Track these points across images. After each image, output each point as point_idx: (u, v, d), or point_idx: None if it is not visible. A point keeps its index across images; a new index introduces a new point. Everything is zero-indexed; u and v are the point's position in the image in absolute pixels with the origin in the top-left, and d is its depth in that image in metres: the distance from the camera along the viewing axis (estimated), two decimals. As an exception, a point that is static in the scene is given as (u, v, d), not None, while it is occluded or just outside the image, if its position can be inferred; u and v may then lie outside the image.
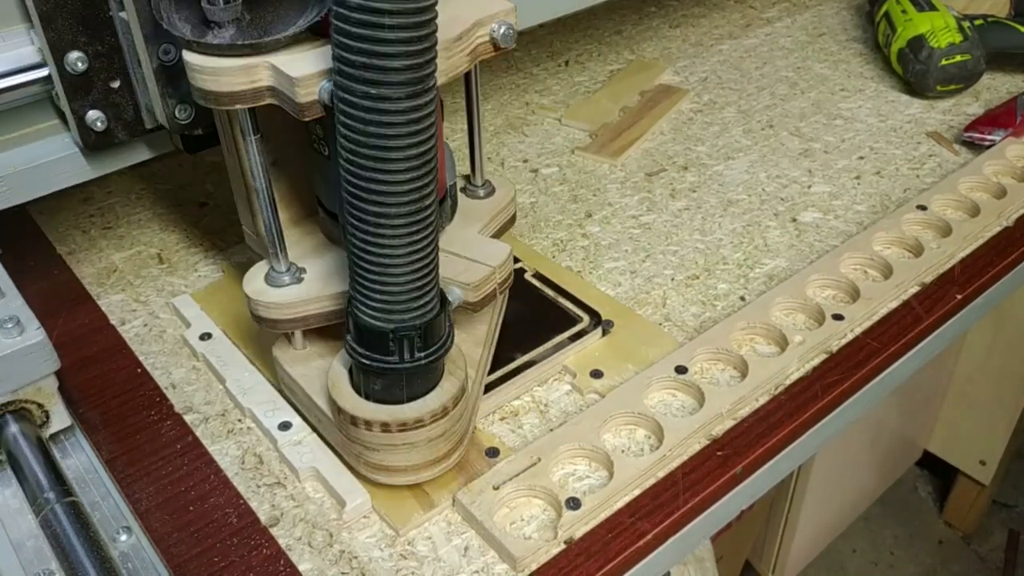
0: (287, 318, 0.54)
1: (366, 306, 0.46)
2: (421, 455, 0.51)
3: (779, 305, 0.65)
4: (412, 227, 0.44)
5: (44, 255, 0.76)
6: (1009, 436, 1.61)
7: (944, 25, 0.92)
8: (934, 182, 0.80)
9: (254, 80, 0.46)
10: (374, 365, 0.48)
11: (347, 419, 0.50)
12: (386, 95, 0.40)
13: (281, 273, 0.55)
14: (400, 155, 0.41)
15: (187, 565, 0.50)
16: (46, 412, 0.56)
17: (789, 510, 1.46)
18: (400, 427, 0.49)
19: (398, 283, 0.45)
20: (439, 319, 0.48)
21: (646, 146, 0.89)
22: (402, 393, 0.49)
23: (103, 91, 0.59)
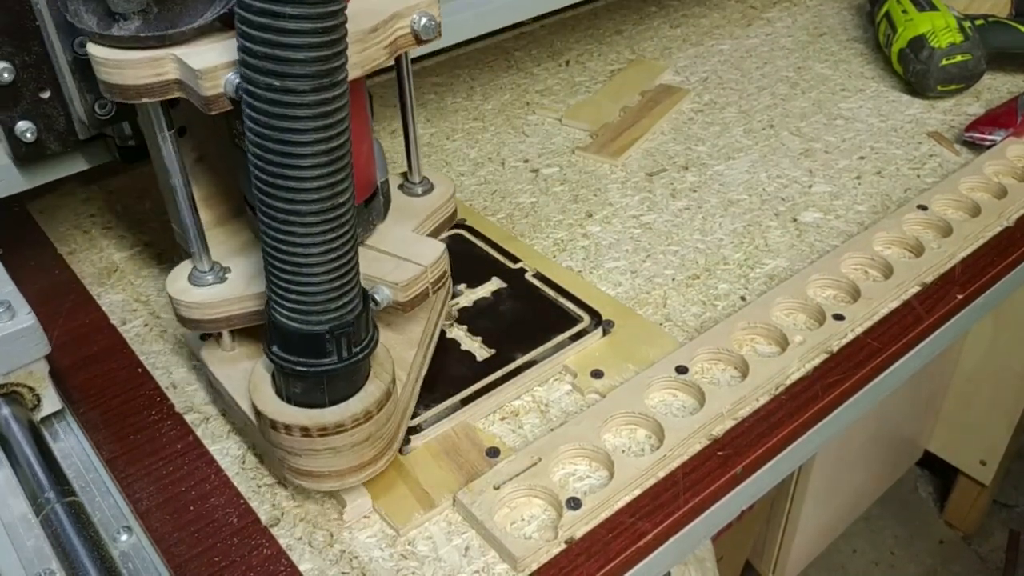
0: (209, 318, 0.53)
1: (282, 306, 0.45)
2: (345, 460, 0.49)
3: (780, 305, 0.65)
4: (325, 225, 0.42)
5: (45, 255, 0.76)
6: (1009, 436, 1.61)
7: (945, 25, 0.92)
8: (935, 182, 0.80)
9: (160, 73, 0.45)
10: (291, 367, 0.46)
11: (267, 423, 0.48)
12: (291, 87, 0.39)
13: (204, 272, 0.53)
14: (308, 150, 0.40)
15: (187, 565, 0.50)
16: (37, 395, 0.56)
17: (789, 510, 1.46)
18: (320, 431, 0.47)
19: (313, 283, 0.44)
20: (360, 319, 0.46)
21: (647, 146, 0.89)
22: (323, 396, 0.47)
23: (32, 101, 0.58)
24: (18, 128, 0.58)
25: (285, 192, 0.41)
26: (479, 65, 1.05)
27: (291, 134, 0.40)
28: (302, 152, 0.40)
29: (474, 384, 0.59)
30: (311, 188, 0.41)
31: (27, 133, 0.58)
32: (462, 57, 1.07)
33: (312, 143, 0.40)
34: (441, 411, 0.58)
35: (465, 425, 0.58)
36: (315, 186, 0.41)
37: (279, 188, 0.41)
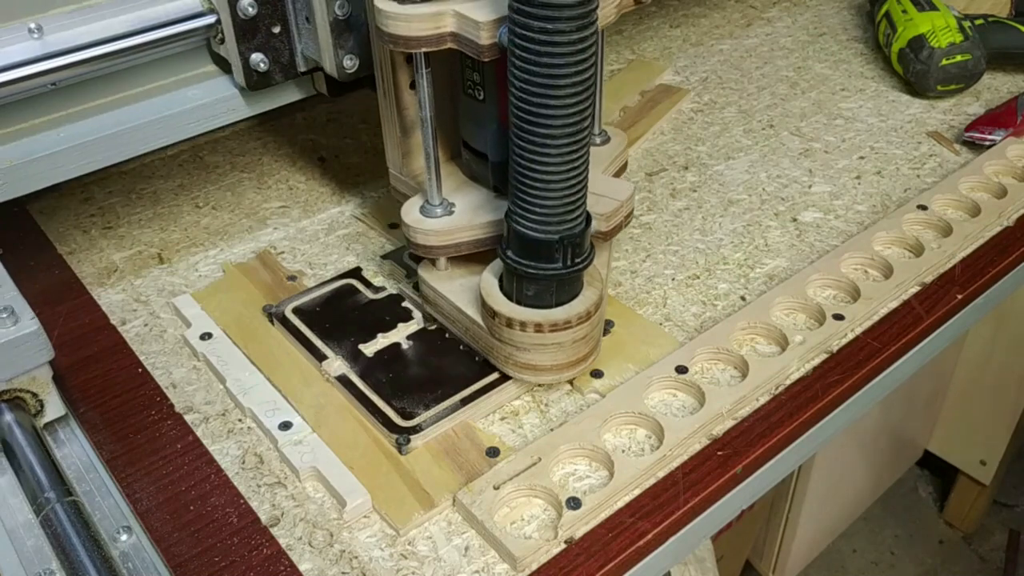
0: (441, 244, 0.61)
1: (525, 218, 0.52)
2: (566, 355, 0.56)
3: (779, 305, 0.65)
4: (572, 147, 0.50)
5: (44, 255, 0.76)
6: (1009, 436, 1.61)
7: (945, 25, 0.92)
8: (935, 182, 0.80)
9: (439, 26, 0.52)
10: (529, 271, 0.54)
11: (503, 321, 0.55)
12: (560, 28, 0.46)
13: (435, 206, 0.61)
14: (567, 81, 0.47)
15: (187, 565, 0.51)
16: (40, 401, 0.56)
17: (789, 510, 1.46)
18: (552, 327, 0.55)
19: (557, 197, 0.51)
20: (585, 233, 0.54)
21: (646, 146, 0.88)
22: (552, 299, 0.55)
23: (266, 35, 0.65)
24: (253, 59, 0.65)
25: (544, 119, 0.48)
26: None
27: (555, 68, 0.47)
28: (563, 83, 0.47)
29: (474, 384, 0.59)
30: (567, 114, 0.48)
31: (260, 64, 0.65)
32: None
33: (571, 75, 0.47)
34: (441, 411, 0.58)
35: (465, 425, 0.58)
36: (570, 112, 0.48)
37: (540, 116, 0.48)
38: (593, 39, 0.47)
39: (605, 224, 0.61)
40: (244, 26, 0.63)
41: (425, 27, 0.52)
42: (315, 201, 0.81)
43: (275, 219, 0.79)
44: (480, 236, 0.61)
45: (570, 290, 0.56)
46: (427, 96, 0.56)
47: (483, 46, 0.51)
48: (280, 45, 0.66)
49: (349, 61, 0.64)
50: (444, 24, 0.52)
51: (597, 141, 0.70)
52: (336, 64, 0.64)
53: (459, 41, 0.52)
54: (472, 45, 0.52)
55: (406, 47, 0.53)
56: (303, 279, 0.71)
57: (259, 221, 0.79)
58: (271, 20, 0.64)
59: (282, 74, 0.67)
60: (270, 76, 0.66)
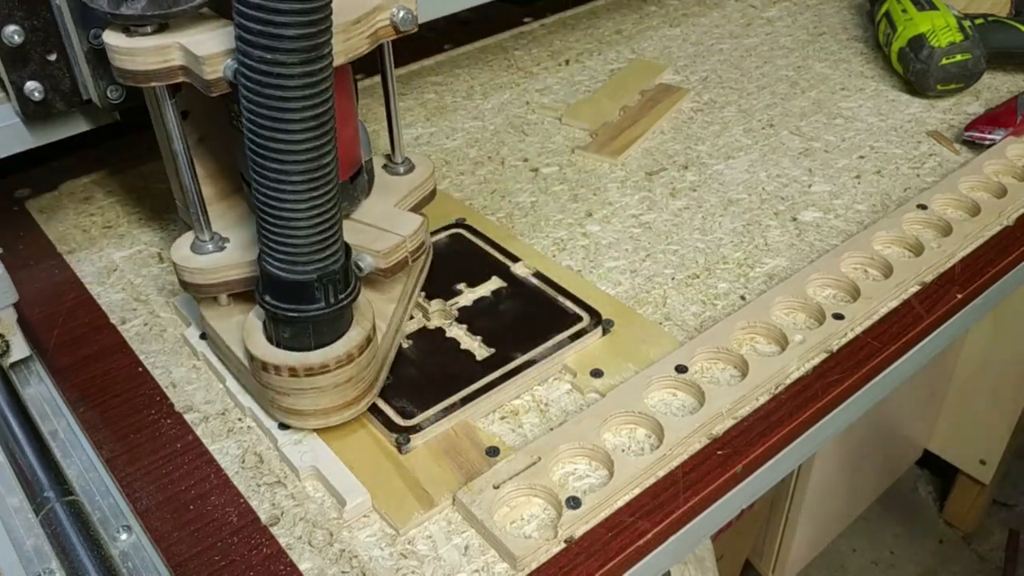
0: (209, 283, 0.58)
1: (273, 257, 0.50)
2: (329, 399, 0.54)
3: (779, 304, 0.65)
4: (312, 183, 0.48)
5: (44, 254, 0.76)
6: (1009, 436, 1.61)
7: (945, 24, 0.92)
8: (934, 181, 0.80)
9: (167, 60, 0.50)
10: (282, 313, 0.52)
11: (259, 365, 0.54)
12: (281, 60, 0.44)
13: (205, 242, 0.59)
14: (296, 116, 0.46)
15: (187, 564, 0.50)
16: (6, 342, 0.60)
17: (789, 509, 1.46)
18: (307, 372, 0.53)
19: (300, 235, 0.49)
20: (342, 271, 0.52)
21: (646, 145, 0.88)
22: (310, 341, 0.53)
23: (40, 63, 0.62)
24: (27, 87, 0.62)
25: (276, 154, 0.47)
26: (479, 64, 1.05)
27: (281, 102, 0.45)
28: (291, 118, 0.46)
29: (474, 383, 0.59)
30: (299, 151, 0.47)
31: (35, 92, 0.63)
32: (462, 57, 1.07)
33: (300, 110, 0.45)
34: (441, 410, 0.58)
35: (465, 424, 0.58)
36: (303, 148, 0.47)
37: (271, 151, 0.47)
38: (325, 72, 0.46)
39: (384, 261, 0.58)
40: (12, 55, 0.61)
41: (153, 61, 0.50)
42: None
43: (275, 219, 0.78)
44: (251, 274, 0.58)
45: (331, 331, 0.53)
46: (176, 129, 0.54)
47: (209, 81, 0.49)
48: (58, 72, 0.63)
49: (113, 92, 0.62)
50: (172, 57, 0.50)
51: (400, 171, 0.66)
52: (99, 95, 0.62)
53: (189, 75, 0.51)
54: (199, 80, 0.50)
55: (135, 81, 0.51)
56: (303, 279, 0.71)
57: (259, 221, 0.78)
58: (44, 48, 0.62)
59: (64, 102, 0.64)
60: (49, 104, 0.64)
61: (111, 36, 0.51)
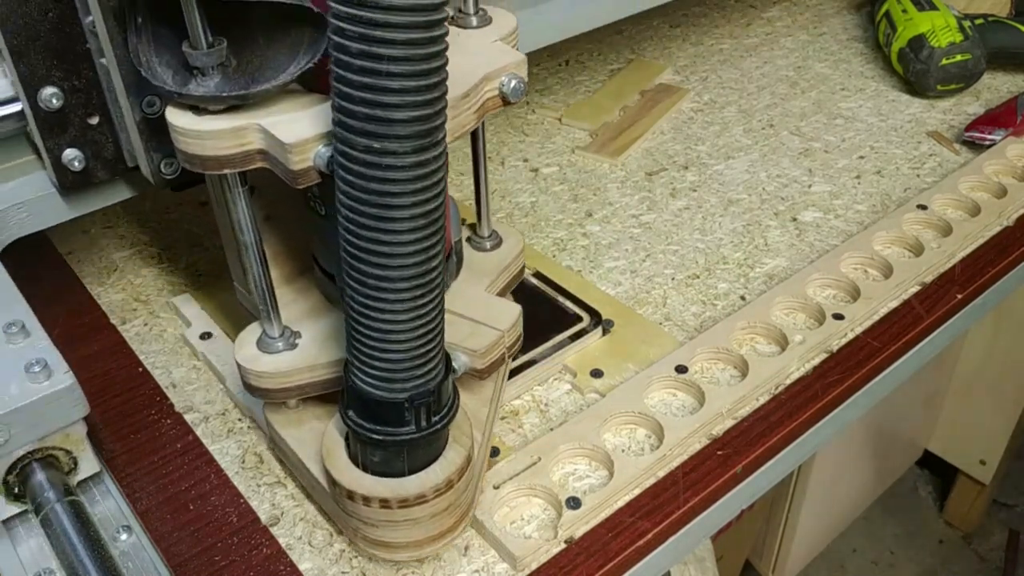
0: (281, 387, 0.50)
1: (365, 374, 0.43)
2: (424, 531, 0.47)
3: (779, 304, 0.65)
4: (416, 291, 0.41)
5: (45, 254, 0.76)
6: (1009, 436, 1.61)
7: (945, 24, 0.92)
8: (935, 181, 0.80)
9: (243, 143, 0.43)
10: (372, 436, 0.44)
11: (343, 493, 0.46)
12: (391, 149, 0.37)
13: (274, 339, 0.51)
14: (406, 214, 0.38)
15: (187, 564, 0.50)
16: (74, 458, 0.52)
17: (789, 510, 1.46)
18: (401, 503, 0.45)
19: (400, 351, 0.42)
20: (443, 387, 0.45)
21: (646, 145, 0.89)
22: (403, 465, 0.45)
23: (80, 128, 0.54)
24: (65, 156, 0.54)
25: (378, 258, 0.39)
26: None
27: (388, 197, 0.38)
28: (399, 216, 0.38)
29: (474, 384, 0.59)
30: (405, 253, 0.39)
31: (75, 161, 0.55)
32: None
33: (409, 206, 0.38)
34: (441, 411, 0.57)
35: (465, 425, 0.58)
36: (410, 251, 0.39)
37: (372, 253, 0.39)
38: (439, 162, 0.39)
39: (480, 362, 0.51)
40: (50, 120, 0.52)
41: (225, 145, 0.42)
42: (315, 201, 0.81)
43: (275, 219, 0.79)
44: (328, 376, 0.50)
45: (426, 454, 0.46)
46: (245, 217, 0.46)
47: (295, 172, 0.41)
48: (100, 138, 0.55)
49: (167, 166, 0.53)
50: (249, 141, 0.42)
51: (486, 246, 0.59)
52: (152, 170, 0.53)
53: (269, 160, 0.43)
54: (282, 169, 0.42)
55: (204, 168, 0.43)
56: (303, 279, 0.71)
57: (259, 221, 0.78)
58: (86, 111, 0.53)
59: (106, 171, 0.56)
60: (90, 174, 0.55)
61: (175, 115, 0.43)
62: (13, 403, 0.47)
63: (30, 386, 0.48)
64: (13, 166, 0.57)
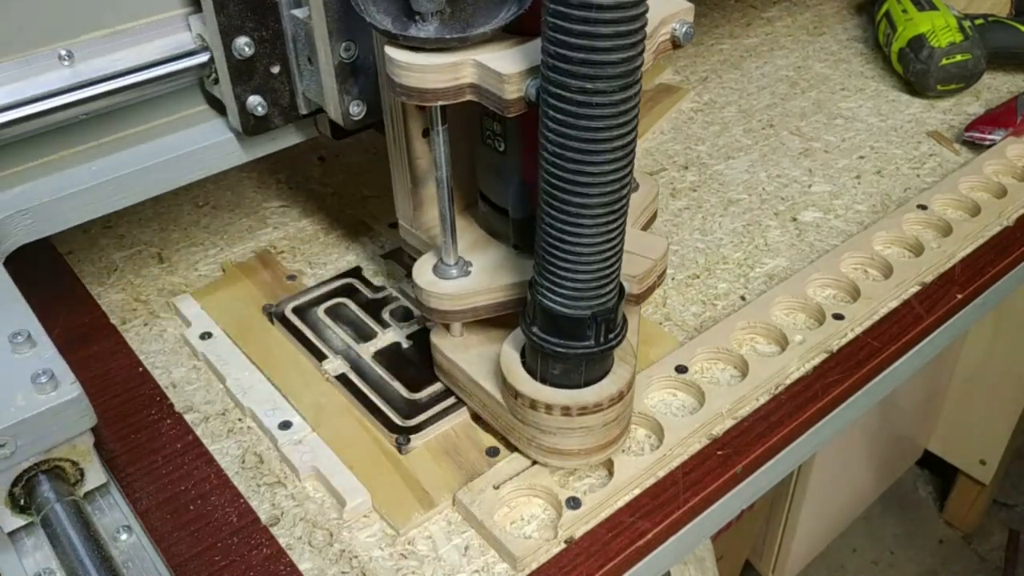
0: (457, 309, 0.56)
1: (554, 292, 0.48)
2: (595, 439, 0.52)
3: (779, 304, 0.65)
4: (609, 216, 0.45)
5: (44, 254, 0.76)
6: (1009, 436, 1.61)
7: (945, 24, 0.92)
8: (935, 181, 0.80)
9: (458, 77, 0.47)
10: (556, 350, 0.49)
11: (526, 403, 0.51)
12: (601, 89, 0.41)
13: (450, 266, 0.56)
14: (607, 147, 0.43)
15: (187, 564, 0.51)
16: (80, 470, 0.52)
17: (789, 510, 1.46)
18: (580, 411, 0.50)
19: (589, 271, 0.46)
20: (619, 306, 0.50)
21: (646, 145, 0.88)
22: (580, 378, 0.50)
23: (264, 76, 0.59)
24: (250, 102, 0.59)
25: (580, 187, 0.44)
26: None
27: (595, 132, 0.42)
28: (602, 148, 0.42)
29: (474, 384, 0.59)
30: (605, 182, 0.44)
31: (258, 107, 0.60)
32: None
33: (612, 139, 0.43)
34: (441, 410, 0.58)
35: (465, 424, 0.58)
36: (608, 180, 0.44)
37: (575, 184, 0.44)
38: (637, 99, 0.43)
39: (638, 287, 0.56)
40: (240, 67, 0.58)
41: (442, 79, 0.47)
42: (315, 201, 0.81)
43: (275, 219, 0.79)
44: (500, 299, 0.56)
45: (600, 368, 0.51)
46: (443, 154, 0.51)
47: (508, 100, 0.46)
48: (279, 86, 0.60)
49: (356, 108, 0.58)
50: (463, 75, 0.47)
51: None
52: (342, 111, 0.58)
53: (480, 94, 0.47)
54: (495, 99, 0.47)
55: (420, 100, 0.48)
56: (303, 278, 0.71)
57: (259, 221, 0.79)
58: (270, 60, 0.59)
59: (282, 117, 0.61)
60: (269, 120, 0.61)
61: (396, 52, 0.47)
62: (19, 414, 0.47)
63: (37, 397, 0.48)
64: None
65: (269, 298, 0.68)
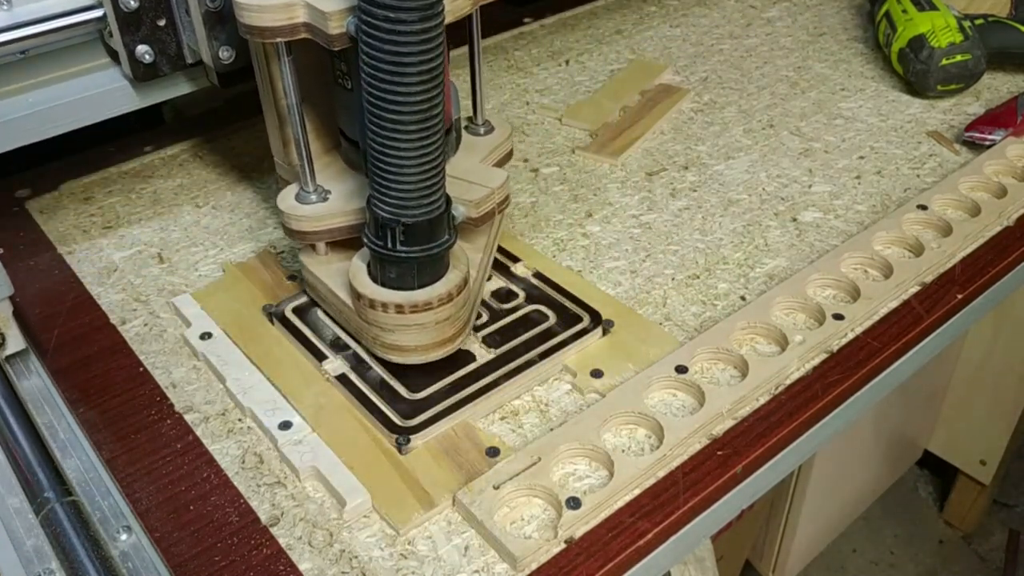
0: (315, 230, 0.62)
1: (383, 202, 0.54)
2: (430, 336, 0.58)
3: (779, 305, 0.65)
4: (423, 132, 0.51)
5: (44, 255, 0.76)
6: (1009, 436, 1.61)
7: (945, 24, 0.92)
8: (935, 182, 0.80)
9: (292, 17, 0.54)
10: (389, 254, 0.55)
11: (366, 303, 0.57)
12: (402, 18, 0.48)
13: (309, 192, 0.62)
14: (414, 70, 0.49)
15: (187, 564, 0.51)
16: (2, 335, 0.60)
17: (789, 510, 1.46)
18: (412, 309, 0.56)
19: (410, 181, 0.53)
20: (444, 216, 0.56)
21: (646, 146, 0.89)
22: (414, 281, 0.57)
23: (151, 28, 0.68)
24: (138, 51, 0.68)
25: (393, 104, 0.50)
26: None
27: (400, 57, 0.49)
28: (408, 71, 0.49)
29: (474, 384, 0.59)
30: (413, 101, 0.50)
31: (145, 55, 0.69)
32: (461, 57, 1.07)
33: (417, 63, 0.49)
34: (441, 410, 0.58)
35: (465, 425, 0.58)
36: (416, 99, 0.50)
37: (388, 101, 0.50)
38: (438, 29, 0.49)
39: (475, 211, 0.62)
40: (127, 19, 0.67)
41: (278, 17, 0.54)
42: (315, 201, 0.81)
43: (275, 219, 0.79)
44: (353, 222, 0.62)
45: (433, 272, 0.57)
46: (291, 84, 0.58)
47: (332, 35, 0.53)
48: (166, 37, 0.69)
49: (225, 52, 0.67)
50: (296, 15, 0.54)
51: (480, 131, 0.71)
52: (212, 56, 0.67)
53: (311, 31, 0.55)
54: (322, 35, 0.54)
55: (261, 37, 0.55)
56: (303, 279, 0.71)
57: (259, 221, 0.79)
58: (155, 13, 0.68)
59: (169, 65, 0.70)
60: (157, 67, 0.70)
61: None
62: None
63: None
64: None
65: (269, 298, 0.68)
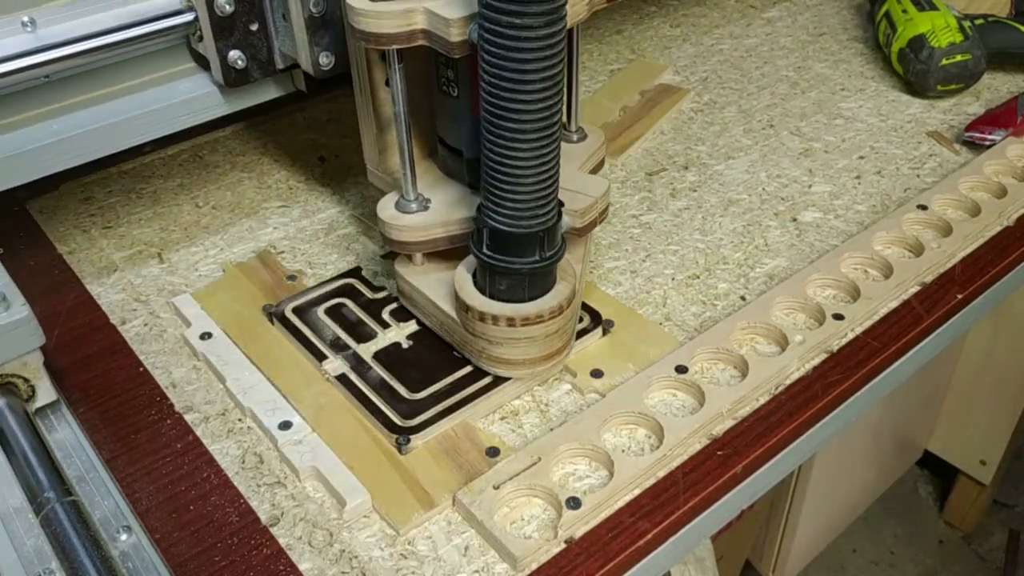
0: (416, 240, 0.61)
1: (497, 212, 0.53)
2: (539, 349, 0.57)
3: (779, 305, 0.65)
4: (542, 141, 0.51)
5: (44, 255, 0.76)
6: (1009, 436, 1.61)
7: (945, 24, 0.92)
8: (935, 182, 0.80)
9: (410, 23, 0.53)
10: (499, 265, 0.55)
11: (475, 316, 0.56)
12: (528, 24, 0.47)
13: (410, 201, 0.61)
14: (536, 76, 0.48)
15: (187, 564, 0.51)
16: (32, 386, 0.57)
17: (789, 510, 1.46)
18: (524, 321, 0.56)
19: (528, 192, 0.52)
20: (557, 227, 0.56)
21: (646, 146, 0.88)
22: (524, 293, 0.56)
23: (244, 33, 0.66)
24: (230, 56, 0.66)
25: (514, 114, 0.49)
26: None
27: (524, 64, 0.48)
28: (530, 79, 0.48)
29: (474, 384, 0.59)
30: (534, 109, 0.49)
31: (238, 61, 0.67)
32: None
33: (539, 70, 0.48)
34: (441, 411, 0.58)
35: (465, 425, 0.58)
36: (539, 107, 0.49)
37: (510, 111, 0.49)
38: (561, 35, 0.48)
39: (580, 220, 0.61)
40: (221, 23, 0.65)
41: (396, 24, 0.53)
42: (315, 201, 0.81)
43: (275, 219, 0.79)
44: (455, 232, 0.61)
45: (542, 284, 0.57)
46: (400, 92, 0.57)
47: (453, 43, 0.52)
48: (258, 42, 0.67)
49: (325, 58, 0.65)
50: (415, 21, 0.53)
51: (574, 139, 0.70)
52: (312, 61, 0.65)
53: (430, 38, 0.53)
54: (442, 42, 0.53)
55: (377, 44, 0.54)
56: (303, 279, 0.71)
57: (259, 221, 0.79)
58: (248, 18, 0.66)
59: (260, 71, 0.68)
60: (248, 73, 0.68)
61: (355, 2, 0.53)
62: None
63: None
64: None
65: (269, 298, 0.68)
